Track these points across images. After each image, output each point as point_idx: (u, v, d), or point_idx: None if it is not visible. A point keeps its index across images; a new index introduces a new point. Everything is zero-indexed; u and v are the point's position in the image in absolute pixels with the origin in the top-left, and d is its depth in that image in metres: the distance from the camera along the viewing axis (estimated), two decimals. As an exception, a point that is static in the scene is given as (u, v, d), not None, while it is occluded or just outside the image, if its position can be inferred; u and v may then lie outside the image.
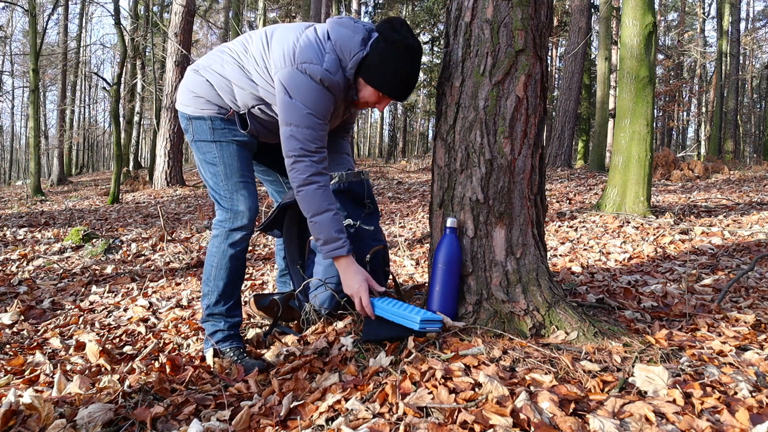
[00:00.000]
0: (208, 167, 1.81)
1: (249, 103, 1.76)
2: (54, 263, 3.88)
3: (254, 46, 1.73)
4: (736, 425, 1.10)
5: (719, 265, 2.86)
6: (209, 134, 1.79)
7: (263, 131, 1.85)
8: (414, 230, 4.82)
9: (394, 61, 1.63)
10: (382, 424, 1.16)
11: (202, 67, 1.80)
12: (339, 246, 1.67)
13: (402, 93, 1.69)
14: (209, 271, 1.82)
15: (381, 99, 1.72)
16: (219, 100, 1.77)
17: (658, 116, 24.53)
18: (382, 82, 1.67)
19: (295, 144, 1.63)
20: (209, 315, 1.81)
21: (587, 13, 11.10)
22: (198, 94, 1.78)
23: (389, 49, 1.62)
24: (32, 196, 10.62)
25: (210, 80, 1.76)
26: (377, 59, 1.64)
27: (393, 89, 1.68)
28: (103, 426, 1.31)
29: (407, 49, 1.63)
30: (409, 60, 1.65)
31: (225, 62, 1.75)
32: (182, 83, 1.86)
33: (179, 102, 1.85)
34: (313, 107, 1.62)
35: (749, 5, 24.96)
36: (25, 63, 23.86)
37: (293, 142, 1.63)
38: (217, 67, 1.76)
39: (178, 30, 10.00)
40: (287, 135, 1.64)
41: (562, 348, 1.51)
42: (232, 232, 1.79)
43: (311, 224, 1.68)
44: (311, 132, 1.63)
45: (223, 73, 1.75)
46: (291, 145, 1.64)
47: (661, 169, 8.59)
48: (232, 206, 1.79)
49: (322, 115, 1.64)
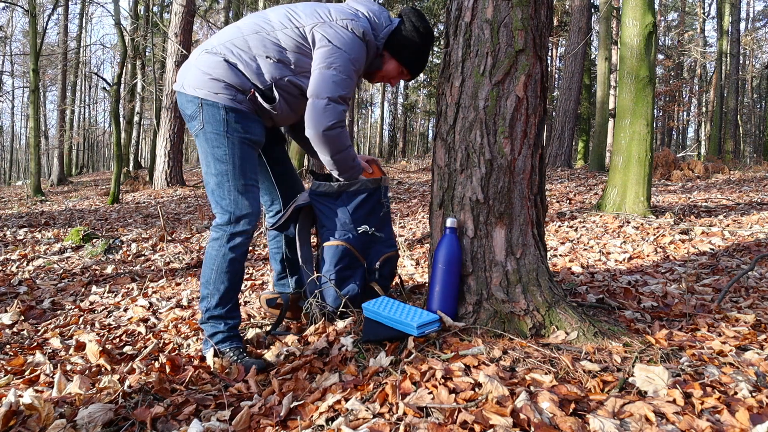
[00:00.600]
0: (215, 164, 1.73)
1: (277, 75, 1.73)
2: (54, 263, 3.88)
3: (275, 14, 1.76)
4: (736, 425, 1.10)
5: (719, 265, 2.86)
6: (222, 126, 1.71)
7: (285, 108, 1.79)
8: (414, 230, 4.82)
9: (421, 44, 1.87)
10: (382, 424, 1.16)
11: (218, 45, 1.73)
12: (356, 171, 1.92)
13: (418, 72, 1.94)
14: (208, 274, 1.78)
15: (399, 74, 1.94)
16: (239, 79, 1.70)
17: (658, 116, 24.53)
18: (408, 59, 1.89)
19: (336, 88, 1.69)
20: (209, 317, 1.80)
21: (587, 13, 11.10)
22: (214, 77, 1.70)
23: (418, 32, 1.85)
24: (32, 196, 10.62)
25: (229, 59, 1.70)
26: (405, 38, 1.84)
27: (415, 67, 1.92)
28: (103, 426, 1.31)
29: (430, 35, 1.89)
30: (429, 46, 1.90)
31: (246, 35, 1.73)
32: (191, 64, 1.76)
33: (187, 84, 1.74)
34: (355, 58, 1.72)
35: (749, 5, 24.97)
36: (25, 63, 23.87)
37: (334, 86, 1.69)
38: (238, 42, 1.72)
39: (178, 30, 10.00)
40: (328, 77, 1.69)
41: (562, 348, 1.51)
42: (233, 236, 1.75)
43: (332, 161, 1.82)
44: (350, 81, 1.72)
45: (245, 47, 1.71)
46: (331, 89, 1.69)
47: (661, 169, 8.59)
48: (236, 210, 1.74)
49: (359, 68, 1.76)
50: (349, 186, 1.96)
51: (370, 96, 32.24)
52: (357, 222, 1.96)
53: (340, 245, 1.93)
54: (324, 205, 1.97)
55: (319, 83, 1.69)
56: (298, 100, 1.81)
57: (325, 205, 1.97)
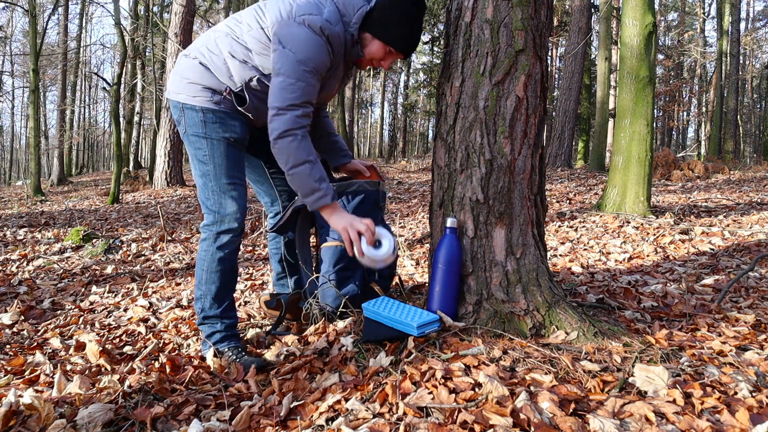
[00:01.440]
0: (198, 164, 1.76)
1: (245, 76, 1.71)
2: (54, 263, 3.88)
3: (246, 15, 1.71)
4: (736, 425, 1.10)
5: (719, 265, 2.86)
6: (201, 127, 1.73)
7: (261, 108, 1.77)
8: (414, 230, 4.81)
9: (404, 15, 1.65)
10: (382, 424, 1.16)
11: (192, 50, 1.75)
12: (321, 195, 1.64)
13: (410, 48, 1.70)
14: (200, 275, 1.79)
15: (387, 55, 1.72)
16: (214, 82, 1.71)
17: (658, 116, 24.53)
18: (391, 36, 1.67)
19: (282, 95, 1.58)
20: (204, 318, 1.80)
21: (587, 13, 11.10)
22: (190, 80, 1.73)
23: (399, 3, 1.64)
24: (32, 197, 10.62)
25: (203, 62, 1.71)
26: (385, 13, 1.64)
27: (402, 43, 1.68)
28: (103, 426, 1.31)
29: (416, 5, 1.65)
30: (418, 13, 1.66)
31: (217, 38, 1.72)
32: (173, 70, 1.81)
33: (171, 90, 1.79)
34: (308, 58, 1.59)
35: (749, 5, 24.97)
36: (25, 63, 23.87)
37: (281, 93, 1.58)
38: (210, 45, 1.72)
39: (178, 30, 10.00)
40: (277, 86, 1.59)
41: (562, 348, 1.51)
42: (220, 235, 1.76)
43: (290, 177, 1.64)
44: (302, 85, 1.59)
45: (216, 50, 1.71)
46: (277, 96, 1.59)
47: (661, 169, 8.59)
48: (219, 209, 1.75)
49: (315, 67, 1.61)
50: (347, 187, 1.97)
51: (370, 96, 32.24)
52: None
53: (338, 246, 1.93)
54: None
55: (271, 92, 1.61)
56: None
57: None
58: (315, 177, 1.63)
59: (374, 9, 1.65)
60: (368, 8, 1.66)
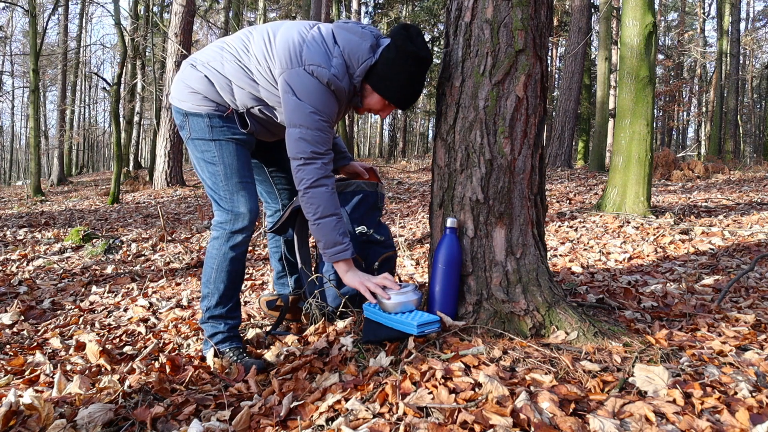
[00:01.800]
0: (206, 166, 1.77)
1: (248, 104, 1.73)
2: (54, 263, 3.88)
3: (256, 44, 1.69)
4: (736, 425, 1.10)
5: (719, 265, 2.86)
6: (207, 132, 1.74)
7: (262, 130, 1.83)
8: (414, 230, 4.81)
9: (406, 71, 1.63)
10: (382, 424, 1.16)
11: (200, 63, 1.75)
12: (342, 249, 1.67)
13: (408, 103, 1.71)
14: (209, 274, 1.79)
15: (386, 107, 1.74)
16: (217, 97, 1.73)
17: (658, 116, 24.53)
18: (390, 92, 1.67)
19: (305, 146, 1.61)
20: (209, 317, 1.80)
21: (587, 13, 11.10)
22: (195, 90, 1.73)
23: (402, 59, 1.61)
24: (32, 197, 10.62)
25: (209, 77, 1.72)
26: (388, 68, 1.63)
27: (400, 98, 1.69)
28: (103, 426, 1.31)
29: (420, 61, 1.63)
30: (420, 72, 1.65)
31: (225, 60, 1.71)
32: (178, 77, 1.80)
33: (174, 96, 1.79)
34: (321, 109, 1.61)
35: (749, 5, 24.96)
36: (25, 63, 23.87)
37: (302, 144, 1.61)
38: (216, 65, 1.72)
39: (178, 30, 10.00)
40: (296, 137, 1.61)
41: (562, 348, 1.51)
42: (233, 235, 1.76)
43: (315, 226, 1.66)
44: (320, 134, 1.62)
45: (222, 71, 1.71)
46: (300, 147, 1.61)
47: (661, 169, 8.59)
48: (233, 207, 1.76)
49: (329, 117, 1.64)
50: (345, 187, 1.98)
51: (370, 96, 32.13)
52: (354, 222, 1.97)
53: None
54: None
55: (290, 144, 1.63)
56: (273, 125, 1.81)
57: None
58: (339, 231, 1.66)
59: (378, 63, 1.64)
60: (372, 62, 1.65)
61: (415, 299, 1.64)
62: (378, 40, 1.68)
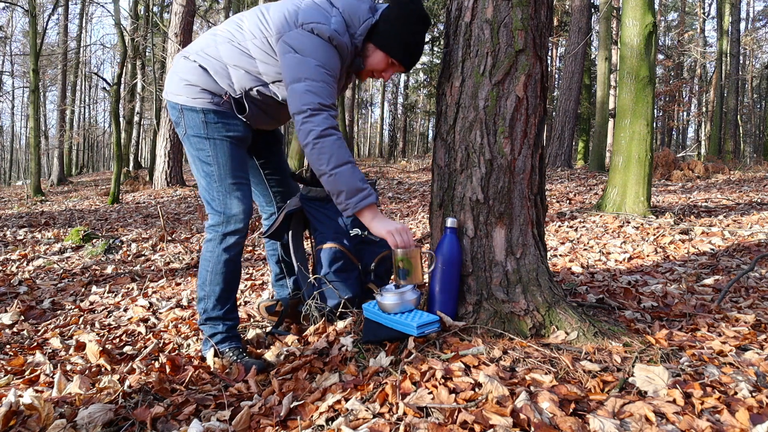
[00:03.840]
0: (201, 165, 1.75)
1: (246, 85, 1.70)
2: (54, 263, 3.88)
3: (249, 21, 1.68)
4: (736, 425, 1.10)
5: (719, 265, 2.86)
6: (202, 129, 1.71)
7: (261, 115, 1.78)
8: (414, 230, 4.81)
9: (409, 29, 1.66)
10: (382, 424, 1.16)
11: (193, 52, 1.72)
12: (366, 194, 1.58)
13: (412, 61, 1.71)
14: (204, 276, 1.78)
15: (389, 66, 1.73)
16: (213, 85, 1.70)
17: (658, 116, 24.53)
18: (395, 49, 1.68)
19: (312, 98, 1.54)
20: (207, 319, 1.80)
21: (587, 13, 11.10)
22: (190, 82, 1.70)
23: (405, 17, 1.65)
24: (32, 197, 10.62)
25: (203, 65, 1.69)
26: (391, 26, 1.65)
27: (405, 56, 1.69)
28: (103, 426, 1.31)
29: (421, 19, 1.67)
30: (422, 30, 1.68)
31: (218, 43, 1.69)
32: (171, 71, 1.78)
33: (169, 91, 1.76)
34: (325, 63, 1.58)
35: (749, 5, 24.96)
36: (25, 63, 23.87)
37: (309, 96, 1.54)
38: (210, 51, 1.69)
39: (178, 30, 10.00)
40: (302, 90, 1.55)
41: (562, 348, 1.51)
42: (226, 237, 1.75)
43: (332, 177, 1.56)
44: (326, 86, 1.57)
45: (216, 55, 1.68)
46: (306, 99, 1.54)
47: (661, 169, 8.59)
48: (225, 209, 1.74)
49: (333, 72, 1.61)
50: None
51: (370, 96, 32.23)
52: (349, 225, 1.97)
53: (333, 247, 1.94)
54: (316, 210, 1.98)
55: (294, 99, 1.57)
56: (272, 108, 1.78)
57: (317, 209, 1.98)
58: (359, 176, 1.59)
59: (379, 21, 1.67)
60: (373, 21, 1.66)
61: (414, 299, 1.64)
62: (374, 3, 1.70)
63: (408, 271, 1.60)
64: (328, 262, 1.94)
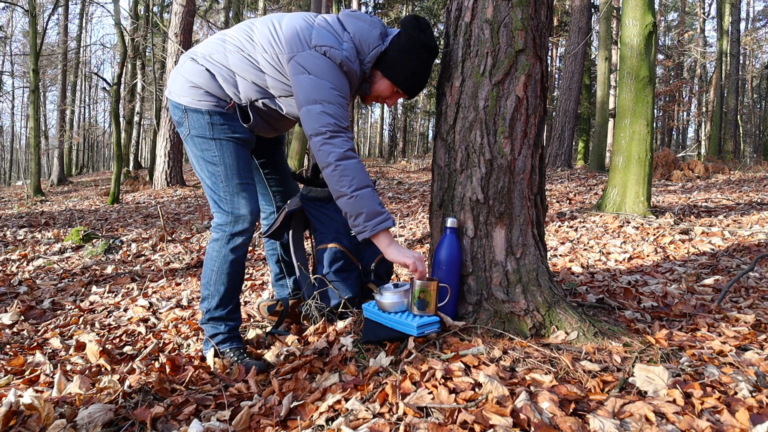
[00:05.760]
0: (206, 165, 1.74)
1: (252, 96, 1.70)
2: (54, 263, 3.88)
3: (260, 33, 1.67)
4: (736, 425, 1.10)
5: (719, 265, 2.86)
6: (208, 130, 1.71)
7: (263, 125, 1.80)
8: (414, 230, 4.81)
9: (417, 60, 1.69)
10: (382, 424, 1.16)
11: (201, 56, 1.71)
12: (384, 218, 1.61)
13: (416, 90, 1.75)
14: (209, 275, 1.78)
15: (393, 94, 1.76)
16: (219, 91, 1.69)
17: (658, 116, 24.53)
18: (401, 78, 1.71)
19: (328, 119, 1.56)
20: (209, 318, 1.80)
21: (587, 13, 11.10)
22: (196, 84, 1.69)
23: (413, 47, 1.67)
24: (32, 197, 10.62)
25: (210, 69, 1.68)
26: (399, 55, 1.67)
27: (410, 86, 1.73)
28: (103, 426, 1.31)
29: (430, 50, 1.69)
30: (429, 60, 1.71)
31: (228, 51, 1.68)
32: (177, 71, 1.76)
33: (173, 91, 1.75)
34: (338, 86, 1.60)
35: (749, 5, 24.96)
36: (25, 63, 23.87)
37: (325, 117, 1.56)
38: (218, 57, 1.68)
39: (178, 30, 10.00)
40: (317, 112, 1.56)
41: (562, 348, 1.51)
42: (233, 237, 1.74)
43: (352, 199, 1.58)
44: (341, 109, 1.59)
45: (226, 63, 1.67)
46: (323, 121, 1.56)
47: (661, 169, 8.59)
48: (233, 210, 1.73)
49: (345, 95, 1.62)
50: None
51: (370, 96, 32.11)
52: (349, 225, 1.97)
53: (333, 247, 1.94)
54: (316, 210, 1.98)
55: (311, 121, 1.58)
56: (275, 119, 1.79)
57: (317, 209, 1.98)
58: (377, 200, 1.61)
59: (388, 50, 1.68)
60: (383, 48, 1.68)
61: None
62: (385, 29, 1.71)
63: (428, 303, 1.59)
64: (329, 262, 1.94)
